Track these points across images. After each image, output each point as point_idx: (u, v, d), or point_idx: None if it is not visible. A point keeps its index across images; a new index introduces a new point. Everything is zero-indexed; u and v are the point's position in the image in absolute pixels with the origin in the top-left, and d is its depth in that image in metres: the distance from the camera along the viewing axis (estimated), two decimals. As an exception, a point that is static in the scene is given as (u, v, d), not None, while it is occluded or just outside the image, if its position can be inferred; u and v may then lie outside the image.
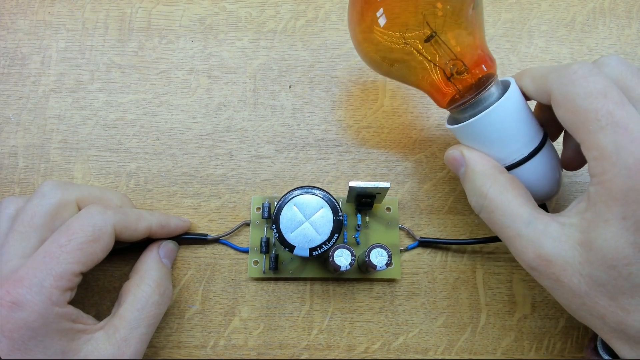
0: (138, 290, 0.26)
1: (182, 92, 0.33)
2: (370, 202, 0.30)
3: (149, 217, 0.28)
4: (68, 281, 0.23)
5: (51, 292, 0.22)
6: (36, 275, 0.22)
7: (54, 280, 0.22)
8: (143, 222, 0.27)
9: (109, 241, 0.25)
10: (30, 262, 0.22)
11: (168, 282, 0.28)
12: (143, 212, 0.28)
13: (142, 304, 0.26)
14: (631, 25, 0.35)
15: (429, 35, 0.25)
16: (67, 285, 0.23)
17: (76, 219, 0.24)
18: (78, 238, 0.23)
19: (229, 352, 0.30)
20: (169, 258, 0.29)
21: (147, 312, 0.26)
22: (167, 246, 0.29)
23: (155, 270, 0.27)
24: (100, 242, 0.24)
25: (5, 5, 0.35)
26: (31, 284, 0.22)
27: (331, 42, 0.34)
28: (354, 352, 0.30)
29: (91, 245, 0.24)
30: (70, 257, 0.23)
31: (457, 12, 0.25)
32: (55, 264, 0.22)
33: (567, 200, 0.32)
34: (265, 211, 0.30)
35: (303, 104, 0.34)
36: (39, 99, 0.33)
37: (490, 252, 0.32)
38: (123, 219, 0.26)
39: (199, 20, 0.35)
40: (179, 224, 0.30)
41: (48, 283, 0.22)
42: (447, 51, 0.25)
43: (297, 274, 0.30)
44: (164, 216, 0.29)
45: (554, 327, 0.31)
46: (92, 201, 0.27)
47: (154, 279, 0.27)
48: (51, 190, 0.25)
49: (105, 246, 0.25)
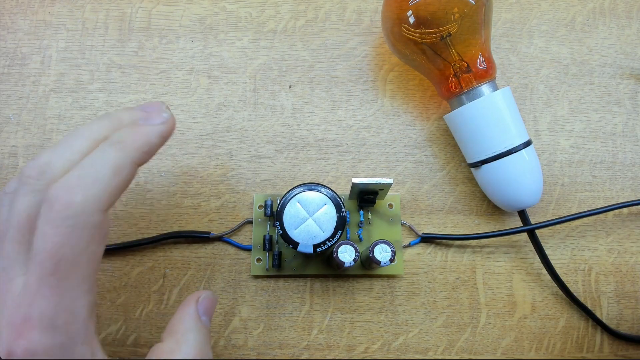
0: (174, 356, 0.21)
1: (182, 92, 0.33)
2: (372, 199, 0.30)
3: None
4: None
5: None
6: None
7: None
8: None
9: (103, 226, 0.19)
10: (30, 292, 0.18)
11: (208, 347, 0.22)
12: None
13: None
14: (631, 25, 0.35)
15: (444, 35, 0.28)
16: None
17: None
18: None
19: (229, 352, 0.30)
20: (208, 315, 0.24)
21: None
22: (206, 300, 0.24)
23: (194, 332, 0.22)
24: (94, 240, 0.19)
25: (5, 5, 0.35)
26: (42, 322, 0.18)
27: (331, 42, 0.34)
28: (354, 352, 0.30)
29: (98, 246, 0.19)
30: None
31: (470, 16, 0.28)
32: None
33: (567, 200, 0.32)
34: (267, 208, 0.30)
35: (303, 104, 0.34)
36: (39, 99, 0.33)
37: (490, 252, 0.32)
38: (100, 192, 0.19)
39: (199, 20, 0.35)
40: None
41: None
42: (456, 52, 0.29)
43: (300, 271, 0.30)
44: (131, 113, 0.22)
45: (554, 327, 0.31)
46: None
47: (193, 345, 0.22)
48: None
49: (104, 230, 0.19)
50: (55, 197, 0.18)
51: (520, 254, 0.32)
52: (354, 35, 0.35)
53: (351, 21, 0.35)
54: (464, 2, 0.28)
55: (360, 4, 0.35)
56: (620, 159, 0.33)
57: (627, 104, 0.34)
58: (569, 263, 0.32)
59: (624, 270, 0.32)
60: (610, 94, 0.34)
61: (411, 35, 0.29)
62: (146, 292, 0.30)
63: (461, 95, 0.29)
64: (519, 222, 0.31)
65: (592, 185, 0.33)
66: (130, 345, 0.30)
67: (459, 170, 0.33)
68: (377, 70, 0.34)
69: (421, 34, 0.29)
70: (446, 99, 0.31)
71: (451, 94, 0.30)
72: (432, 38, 0.28)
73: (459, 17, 0.28)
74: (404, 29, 0.29)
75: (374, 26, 0.35)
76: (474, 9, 0.28)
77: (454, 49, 0.29)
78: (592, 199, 0.33)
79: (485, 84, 0.29)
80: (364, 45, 0.34)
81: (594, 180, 0.33)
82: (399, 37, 0.30)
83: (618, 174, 0.33)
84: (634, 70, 0.34)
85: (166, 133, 0.21)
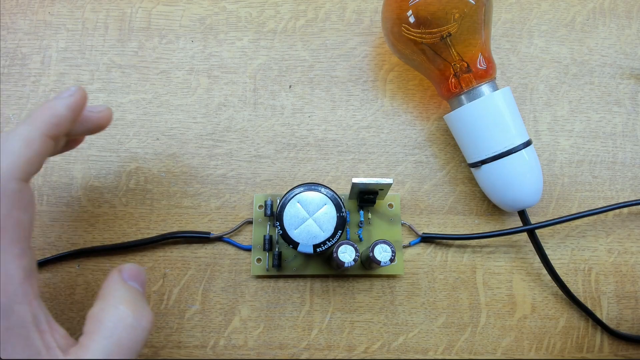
0: (104, 314, 0.21)
1: (182, 92, 0.33)
2: (372, 199, 0.30)
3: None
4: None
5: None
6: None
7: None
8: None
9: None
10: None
11: (142, 302, 0.23)
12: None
13: (110, 330, 0.21)
14: (631, 25, 0.35)
15: (444, 35, 0.28)
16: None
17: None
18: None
19: (229, 352, 0.30)
20: (136, 280, 0.24)
21: (119, 339, 0.21)
22: (129, 268, 0.24)
23: (122, 290, 0.23)
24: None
25: (5, 5, 0.35)
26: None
27: (331, 42, 0.34)
28: (354, 352, 0.30)
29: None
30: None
31: (470, 16, 0.28)
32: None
33: (567, 200, 0.32)
34: (267, 209, 0.30)
35: (303, 104, 0.34)
36: (39, 99, 0.33)
37: (490, 252, 0.32)
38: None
39: (199, 20, 0.35)
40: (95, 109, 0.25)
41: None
42: (456, 52, 0.29)
43: (300, 271, 0.30)
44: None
45: (554, 327, 0.31)
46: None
47: (122, 298, 0.22)
48: None
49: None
50: None
51: (520, 254, 0.32)
52: (354, 35, 0.35)
53: (351, 21, 0.35)
54: (464, 2, 0.28)
55: (360, 4, 0.35)
56: (620, 159, 0.33)
57: (627, 104, 0.34)
58: (569, 263, 0.32)
59: (624, 270, 0.32)
60: (610, 94, 0.34)
61: (411, 35, 0.29)
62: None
63: (461, 95, 0.29)
64: (519, 222, 0.31)
65: (592, 185, 0.33)
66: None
67: (459, 170, 0.33)
68: (377, 70, 0.34)
69: (421, 34, 0.29)
70: (446, 99, 0.31)
71: (451, 94, 0.30)
72: (432, 38, 0.28)
73: (459, 17, 0.28)
74: (404, 29, 0.29)
75: (374, 26, 0.35)
76: (474, 9, 0.28)
77: (454, 49, 0.29)
78: (592, 199, 0.33)
79: (485, 84, 0.29)
80: (364, 45, 0.34)
81: (594, 180, 0.33)
82: (399, 37, 0.30)
83: (618, 174, 0.33)
84: (634, 70, 0.34)
85: (74, 104, 0.23)
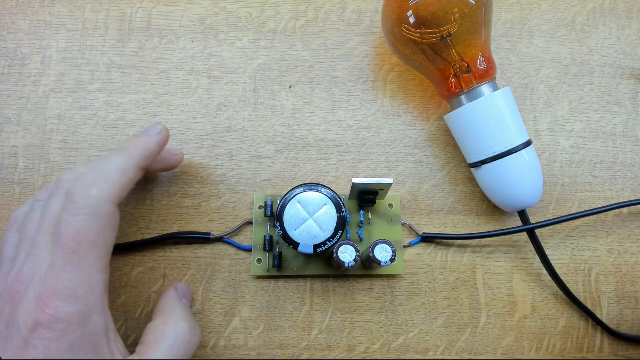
0: (166, 328, 0.25)
1: (182, 92, 0.33)
2: (372, 199, 0.30)
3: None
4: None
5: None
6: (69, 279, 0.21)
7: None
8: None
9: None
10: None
11: (194, 320, 0.27)
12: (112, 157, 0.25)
13: (171, 343, 0.24)
14: (631, 25, 0.35)
15: (444, 35, 0.28)
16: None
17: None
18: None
19: (229, 352, 0.30)
20: (187, 299, 0.29)
21: (177, 351, 0.24)
22: (182, 287, 0.29)
23: (179, 307, 0.26)
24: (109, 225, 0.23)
25: (5, 5, 0.35)
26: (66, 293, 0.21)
27: (331, 42, 0.34)
28: (354, 352, 0.30)
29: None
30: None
31: (470, 16, 0.28)
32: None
33: (567, 200, 0.32)
34: (267, 209, 0.30)
35: (303, 104, 0.34)
36: (39, 99, 0.33)
37: (490, 252, 0.32)
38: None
39: (199, 20, 0.35)
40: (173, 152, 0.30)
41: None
42: (456, 52, 0.29)
43: (301, 271, 0.30)
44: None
45: (554, 327, 0.31)
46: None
47: (181, 315, 0.26)
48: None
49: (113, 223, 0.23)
50: (74, 192, 0.22)
51: (520, 254, 0.32)
52: (354, 35, 0.35)
53: (351, 21, 0.35)
54: (464, 2, 0.28)
55: (360, 4, 0.35)
56: (620, 159, 0.33)
57: (627, 104, 0.34)
58: (569, 263, 0.32)
59: (624, 270, 0.32)
60: (610, 94, 0.34)
61: (411, 35, 0.29)
62: (146, 292, 0.30)
63: (461, 95, 0.29)
64: (519, 222, 0.31)
65: (592, 185, 0.33)
66: (131, 345, 0.30)
67: (459, 170, 0.33)
68: (377, 70, 0.34)
69: (421, 34, 0.29)
70: (446, 99, 0.31)
71: (451, 94, 0.30)
72: (432, 38, 0.28)
73: (459, 17, 0.28)
74: (404, 29, 0.29)
75: (374, 26, 0.35)
76: (474, 9, 0.28)
77: (454, 49, 0.29)
78: (592, 199, 0.33)
79: (485, 84, 0.29)
80: (364, 45, 0.34)
81: (594, 180, 0.33)
82: (399, 37, 0.30)
83: (618, 174, 0.33)
84: (634, 70, 0.34)
85: (161, 141, 0.26)
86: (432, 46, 0.29)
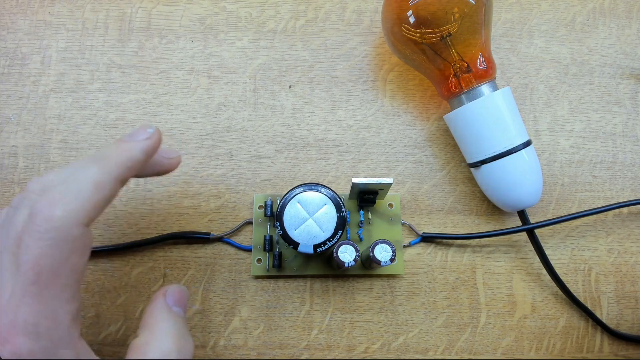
0: (148, 349, 0.21)
1: (182, 92, 0.33)
2: (372, 199, 0.30)
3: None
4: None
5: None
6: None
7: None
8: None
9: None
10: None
11: (186, 334, 0.23)
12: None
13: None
14: (631, 25, 0.35)
15: (444, 35, 0.28)
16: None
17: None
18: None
19: (229, 352, 0.30)
20: (180, 305, 0.24)
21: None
22: (173, 291, 0.24)
23: (166, 321, 0.23)
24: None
25: (5, 5, 0.35)
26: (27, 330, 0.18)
27: (331, 42, 0.34)
28: (354, 352, 0.30)
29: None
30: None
31: (470, 16, 0.28)
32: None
33: (567, 200, 0.32)
34: (267, 209, 0.30)
35: (303, 104, 0.34)
36: (39, 99, 0.33)
37: (490, 252, 0.32)
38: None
39: (199, 20, 0.35)
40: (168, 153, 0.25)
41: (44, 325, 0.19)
42: (456, 52, 0.29)
43: (301, 271, 0.30)
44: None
45: (554, 327, 0.31)
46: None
47: (167, 332, 0.22)
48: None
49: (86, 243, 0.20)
50: (37, 211, 0.19)
51: (520, 254, 0.32)
52: (354, 35, 0.35)
53: (351, 21, 0.35)
54: (464, 2, 0.28)
55: (360, 4, 0.35)
56: (620, 159, 0.33)
57: (627, 104, 0.34)
58: (569, 263, 0.32)
59: (624, 270, 0.32)
60: (610, 94, 0.34)
61: (411, 35, 0.29)
62: (146, 292, 0.30)
63: (461, 95, 0.29)
64: (518, 222, 0.31)
65: (592, 185, 0.33)
66: (130, 345, 0.30)
67: (459, 170, 0.33)
68: (377, 70, 0.34)
69: (421, 34, 0.29)
70: (446, 99, 0.31)
71: (451, 94, 0.30)
72: (432, 38, 0.29)
73: (459, 17, 0.28)
74: (404, 29, 0.29)
75: (374, 26, 0.35)
76: (474, 9, 0.28)
77: (454, 49, 0.29)
78: (592, 199, 0.33)
79: (485, 84, 0.29)
80: (364, 45, 0.34)
81: (594, 180, 0.33)
82: (399, 37, 0.30)
83: (618, 174, 0.33)
84: (634, 70, 0.34)
85: (150, 147, 0.22)
86: (432, 46, 0.29)
